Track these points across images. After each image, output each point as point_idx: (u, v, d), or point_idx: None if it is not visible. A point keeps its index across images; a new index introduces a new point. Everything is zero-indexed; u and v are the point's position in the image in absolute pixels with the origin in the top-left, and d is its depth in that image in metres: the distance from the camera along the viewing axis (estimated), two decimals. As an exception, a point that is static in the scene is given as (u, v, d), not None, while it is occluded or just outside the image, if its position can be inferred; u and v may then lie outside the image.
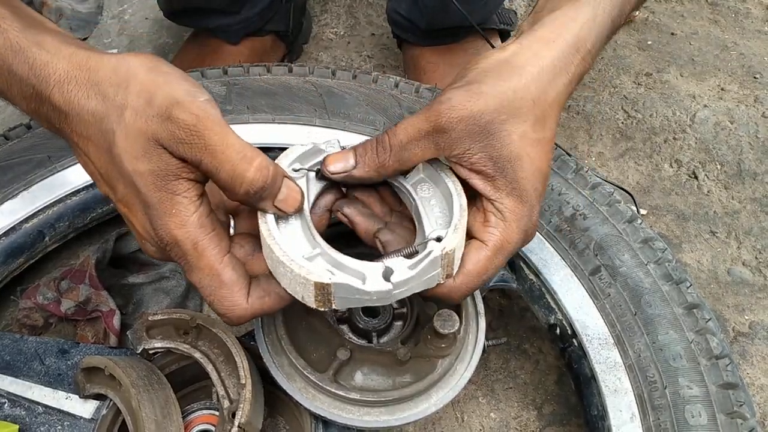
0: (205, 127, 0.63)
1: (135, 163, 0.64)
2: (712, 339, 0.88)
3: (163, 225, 0.66)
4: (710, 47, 1.68)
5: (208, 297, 0.69)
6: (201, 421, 0.86)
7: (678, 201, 1.37)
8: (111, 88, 0.65)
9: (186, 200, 0.66)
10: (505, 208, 0.73)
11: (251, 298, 0.70)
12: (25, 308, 1.08)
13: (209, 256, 0.68)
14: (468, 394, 1.09)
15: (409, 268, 0.69)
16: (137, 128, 0.64)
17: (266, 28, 1.49)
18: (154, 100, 0.64)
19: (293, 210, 0.70)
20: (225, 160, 0.64)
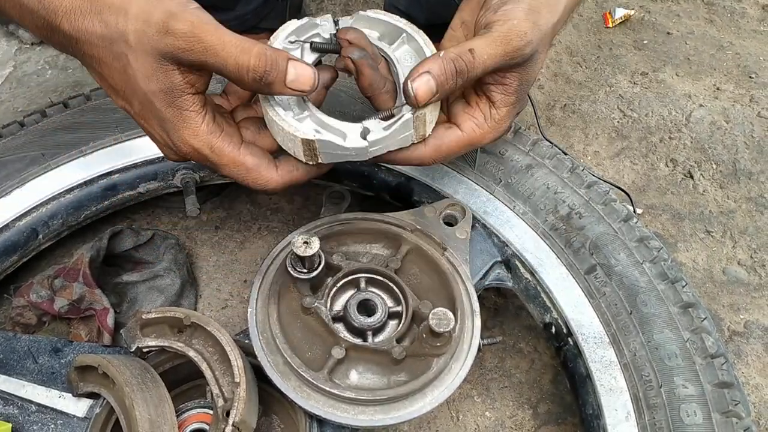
0: (201, 31, 0.69)
1: (147, 82, 0.72)
2: (707, 338, 0.88)
3: (179, 137, 0.75)
4: (706, 47, 1.68)
5: (243, 182, 0.80)
6: (195, 419, 0.86)
7: (673, 200, 1.37)
8: (112, 16, 0.70)
9: (194, 113, 0.75)
10: (497, 114, 0.83)
11: (281, 171, 0.80)
12: (18, 306, 1.07)
13: (228, 152, 0.77)
14: (463, 393, 1.09)
15: (383, 129, 0.79)
16: (143, 49, 0.70)
17: (261, 26, 1.49)
18: (151, 19, 0.69)
19: (309, 88, 0.75)
20: (227, 56, 0.70)
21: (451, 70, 0.76)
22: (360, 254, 0.94)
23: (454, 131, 0.84)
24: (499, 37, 0.77)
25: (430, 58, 0.77)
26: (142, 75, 0.71)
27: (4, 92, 1.54)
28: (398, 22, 0.86)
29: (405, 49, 0.86)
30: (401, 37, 0.86)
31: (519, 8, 0.78)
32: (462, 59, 0.76)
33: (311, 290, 0.87)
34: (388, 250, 0.95)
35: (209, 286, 1.20)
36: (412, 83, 0.75)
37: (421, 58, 0.83)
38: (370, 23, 0.87)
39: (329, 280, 0.88)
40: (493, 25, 0.78)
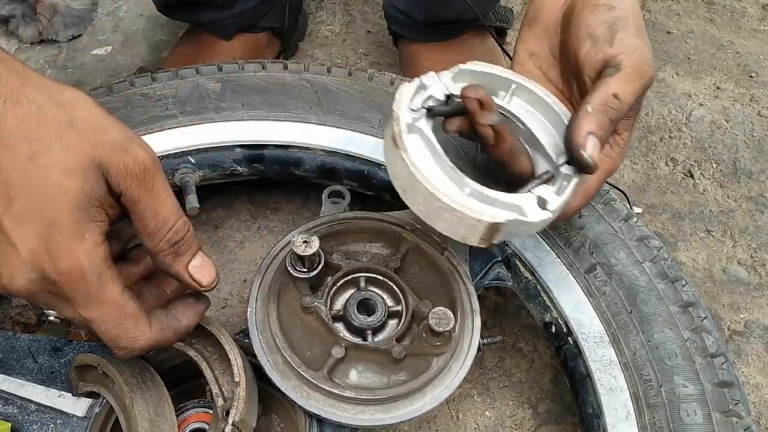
0: (156, 170, 0.66)
1: (65, 177, 0.62)
2: (707, 337, 0.88)
3: (69, 248, 0.62)
4: (706, 46, 1.68)
5: (110, 330, 0.67)
6: (195, 419, 0.86)
7: (673, 199, 1.37)
8: (52, 105, 0.63)
9: (98, 230, 0.64)
10: (622, 140, 0.81)
11: (153, 329, 0.69)
12: (18, 306, 1.07)
13: (113, 289, 0.65)
14: (463, 393, 1.09)
15: (556, 194, 0.76)
16: (82, 148, 0.62)
17: (261, 24, 1.49)
18: (108, 130, 0.64)
19: (207, 284, 0.72)
20: (163, 205, 0.67)
21: (606, 122, 0.74)
22: (360, 253, 0.94)
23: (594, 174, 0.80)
24: (633, 73, 0.75)
25: (583, 116, 0.74)
26: (61, 169, 0.61)
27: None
28: (504, 73, 0.83)
29: (518, 102, 0.84)
30: (511, 89, 0.83)
31: (632, 33, 0.77)
32: (612, 108, 0.74)
33: (311, 289, 0.87)
34: (388, 249, 0.95)
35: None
36: (585, 152, 0.73)
37: (541, 108, 0.82)
38: (474, 77, 0.83)
39: (329, 279, 0.88)
40: (618, 60, 0.75)
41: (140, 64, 1.59)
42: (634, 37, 0.76)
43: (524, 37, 0.88)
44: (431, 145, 0.77)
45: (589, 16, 0.78)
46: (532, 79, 0.85)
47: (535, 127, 0.82)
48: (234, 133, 1.08)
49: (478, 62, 0.83)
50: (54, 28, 1.62)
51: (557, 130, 0.81)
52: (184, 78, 1.11)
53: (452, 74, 0.82)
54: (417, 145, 0.77)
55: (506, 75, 0.83)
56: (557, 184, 0.77)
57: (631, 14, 0.78)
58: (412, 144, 0.76)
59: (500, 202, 0.73)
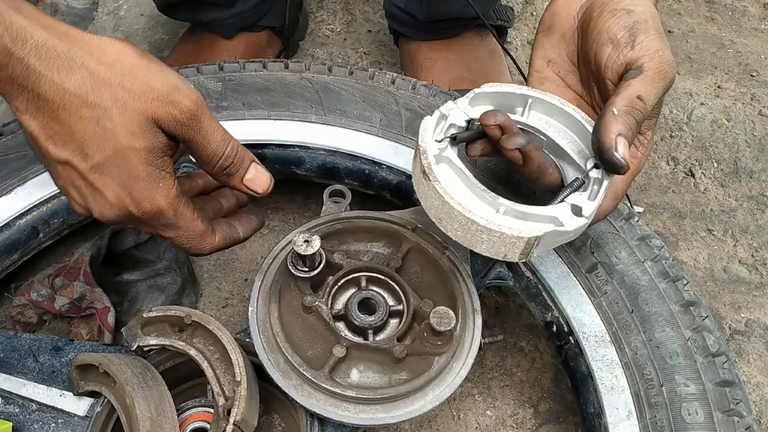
0: (202, 113, 0.75)
1: (131, 138, 0.72)
2: (708, 337, 0.87)
3: (149, 197, 0.75)
4: (707, 45, 1.68)
5: (184, 244, 0.82)
6: (196, 418, 0.86)
7: (675, 199, 1.37)
8: (101, 67, 0.70)
9: (169, 176, 0.77)
10: (645, 139, 0.82)
11: (217, 238, 0.84)
12: (19, 305, 1.07)
13: (186, 216, 0.80)
14: (464, 392, 1.09)
15: (589, 200, 0.77)
16: (136, 107, 0.71)
17: (261, 24, 1.49)
18: (153, 84, 0.72)
19: (262, 191, 0.84)
20: (213, 140, 0.77)
21: (633, 123, 0.75)
22: (361, 253, 0.94)
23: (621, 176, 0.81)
24: (656, 75, 0.77)
25: (610, 119, 0.74)
26: (126, 131, 0.71)
27: (5, 91, 1.53)
28: (518, 90, 0.83)
29: (536, 115, 0.84)
30: (527, 104, 0.84)
31: (653, 36, 0.78)
32: (637, 109, 0.75)
33: (312, 289, 0.87)
34: (389, 248, 0.95)
35: (210, 285, 1.20)
36: (617, 153, 0.74)
37: (560, 117, 0.83)
38: (490, 98, 0.84)
39: (330, 278, 0.88)
40: (641, 63, 0.77)
41: (141, 63, 1.59)
42: (655, 39, 0.78)
43: (541, 44, 0.88)
44: (461, 172, 0.78)
45: (609, 21, 0.79)
46: (552, 86, 0.86)
47: (558, 136, 0.83)
48: (235, 132, 1.06)
49: (492, 83, 0.84)
50: (55, 28, 1.62)
51: (580, 136, 0.83)
52: (184, 77, 1.11)
53: (468, 99, 0.82)
54: (447, 174, 0.79)
55: (521, 91, 0.83)
56: (588, 190, 0.78)
57: (650, 17, 0.79)
58: (442, 174, 0.78)
59: (536, 216, 0.75)
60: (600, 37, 0.80)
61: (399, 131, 1.07)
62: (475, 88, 0.84)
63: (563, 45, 0.87)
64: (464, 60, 1.45)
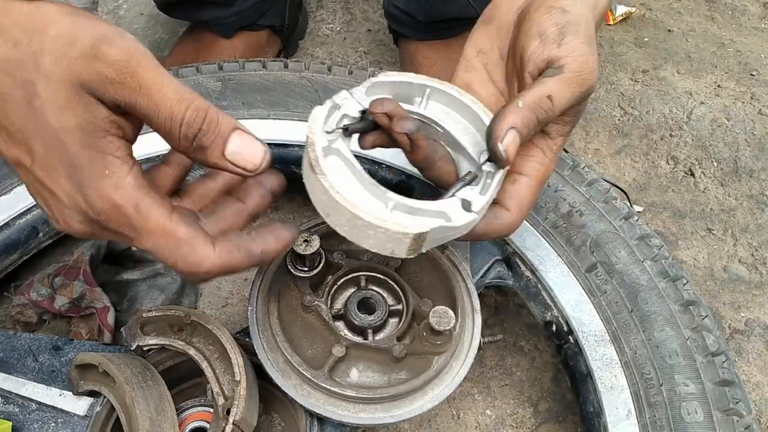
0: (138, 64, 0.56)
1: (60, 116, 0.56)
2: (708, 336, 0.87)
3: (96, 188, 0.59)
4: (707, 44, 1.68)
5: (168, 259, 0.62)
6: (196, 417, 0.86)
7: (674, 198, 1.37)
8: (24, 34, 0.56)
9: (118, 160, 0.59)
10: (554, 145, 0.79)
11: (219, 250, 0.63)
12: (18, 305, 1.07)
13: (157, 216, 0.60)
14: (464, 391, 1.09)
15: (481, 194, 0.73)
16: (60, 74, 0.56)
17: (261, 23, 1.49)
18: (77, 40, 0.56)
19: (253, 167, 0.63)
20: (162, 100, 0.57)
21: (533, 121, 0.72)
22: (360, 252, 0.94)
23: (522, 181, 0.78)
24: (573, 78, 0.74)
25: (511, 111, 0.71)
26: (53, 107, 0.56)
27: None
28: (416, 79, 0.79)
29: (435, 105, 0.81)
30: (426, 94, 0.80)
31: (581, 40, 0.75)
32: (542, 108, 0.72)
33: (311, 288, 0.87)
34: (389, 248, 0.94)
35: (209, 285, 1.20)
36: (501, 143, 0.70)
37: (455, 105, 0.80)
38: (388, 88, 0.79)
39: (329, 278, 0.88)
40: (562, 63, 0.74)
41: (141, 62, 1.59)
42: (583, 43, 0.75)
43: (476, 33, 0.86)
44: (351, 165, 0.73)
45: (543, 17, 0.76)
46: (476, 76, 0.84)
47: (455, 128, 0.80)
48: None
49: (390, 72, 0.80)
50: (54, 27, 1.62)
51: (477, 128, 0.79)
52: (184, 77, 1.11)
53: (365, 89, 0.77)
54: (336, 167, 0.73)
55: (419, 81, 0.79)
56: (481, 183, 0.75)
57: (584, 21, 0.76)
58: (331, 167, 0.72)
59: (425, 211, 0.71)
60: (530, 30, 0.77)
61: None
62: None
63: (497, 38, 0.84)
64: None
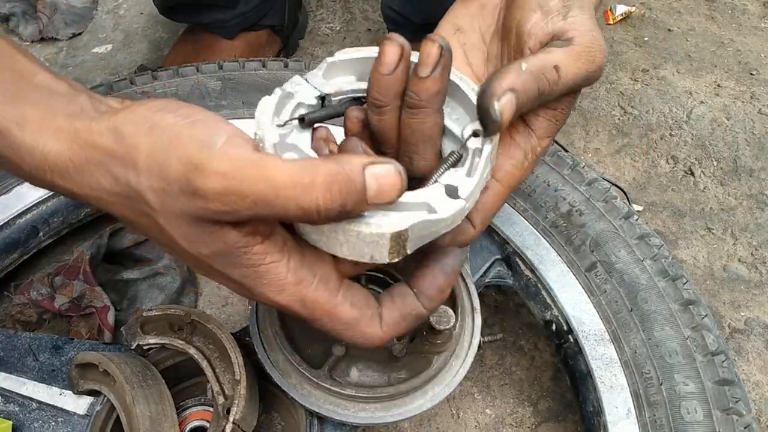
0: (240, 182, 0.49)
1: (196, 247, 0.54)
2: (707, 335, 0.87)
3: (261, 294, 0.57)
4: (707, 44, 1.68)
5: (341, 336, 0.61)
6: (196, 417, 0.86)
7: (674, 197, 1.37)
8: (118, 168, 0.52)
9: (272, 266, 0.55)
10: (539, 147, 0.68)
11: (385, 325, 0.61)
12: (18, 304, 1.07)
13: (322, 304, 0.58)
14: (463, 391, 1.09)
15: (468, 176, 0.62)
16: (171, 212, 0.52)
17: (262, 23, 1.49)
18: (167, 174, 0.50)
19: (397, 195, 0.53)
20: (284, 202, 0.49)
21: (534, 92, 0.61)
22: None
23: (491, 188, 0.67)
24: (583, 53, 0.63)
25: (512, 71, 0.60)
26: (184, 240, 0.53)
27: (5, 90, 1.53)
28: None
29: None
30: None
31: (586, 15, 0.66)
32: (547, 78, 0.61)
33: (311, 288, 0.87)
34: (389, 247, 0.94)
35: (210, 284, 1.20)
36: (497, 102, 0.59)
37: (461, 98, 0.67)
38: (348, 67, 0.68)
39: (329, 277, 0.88)
40: (570, 36, 0.64)
41: (141, 62, 1.59)
42: (590, 19, 0.65)
43: (455, 11, 0.77)
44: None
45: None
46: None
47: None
48: (234, 131, 1.07)
49: (348, 49, 0.68)
50: (54, 27, 1.63)
51: (459, 99, 0.67)
52: (184, 76, 1.11)
53: (322, 71, 0.67)
54: None
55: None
56: (467, 164, 0.63)
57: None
58: None
59: (404, 204, 0.58)
60: (528, 4, 0.67)
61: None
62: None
63: (480, 17, 0.75)
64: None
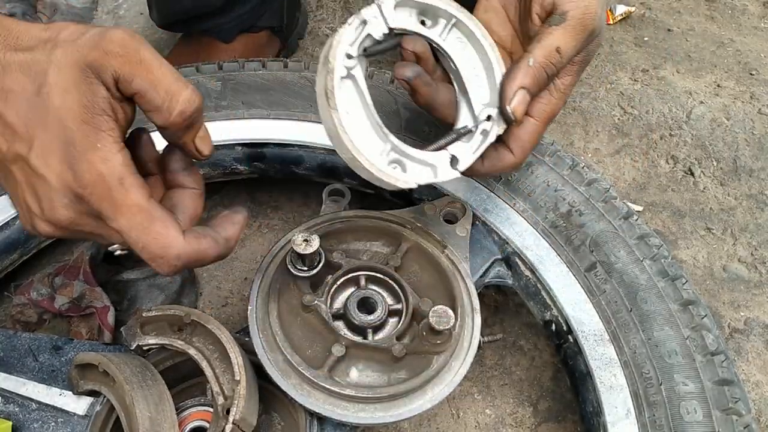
0: (140, 43, 0.64)
1: (64, 96, 0.63)
2: (707, 335, 0.87)
3: (87, 160, 0.63)
4: (707, 44, 1.68)
5: (138, 238, 0.65)
6: (195, 417, 0.86)
7: (674, 197, 1.37)
8: (40, 43, 0.64)
9: (110, 138, 0.64)
10: (562, 84, 0.82)
11: (187, 237, 0.67)
12: (18, 304, 1.07)
13: (137, 193, 0.65)
14: (463, 391, 1.09)
15: (472, 153, 0.79)
16: (69, 59, 0.63)
17: (260, 24, 1.49)
18: (86, 31, 0.64)
19: (208, 152, 0.71)
20: (161, 77, 0.64)
21: (543, 79, 0.77)
22: (360, 252, 0.94)
23: (528, 122, 0.82)
24: (577, 25, 0.77)
25: (521, 68, 0.76)
26: (59, 89, 0.63)
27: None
28: (446, 5, 0.79)
29: (455, 36, 0.82)
30: (451, 22, 0.80)
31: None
32: (552, 63, 0.77)
33: (311, 288, 0.87)
34: (389, 247, 0.95)
35: (209, 284, 1.20)
36: (509, 105, 0.76)
37: (474, 44, 0.82)
38: (416, 6, 0.79)
39: (329, 277, 0.88)
40: (566, 9, 0.77)
41: (141, 62, 1.59)
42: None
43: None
44: (363, 97, 0.76)
45: None
46: (494, 16, 0.86)
47: (466, 69, 0.82)
48: (234, 131, 1.08)
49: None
50: (54, 27, 1.62)
51: (488, 76, 0.82)
52: (184, 76, 1.10)
53: (394, 2, 0.77)
54: (349, 96, 0.76)
55: (449, 8, 0.80)
56: (475, 141, 0.79)
57: None
58: (344, 96, 0.75)
59: (417, 160, 0.77)
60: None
61: (398, 130, 1.07)
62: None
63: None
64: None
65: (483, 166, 0.82)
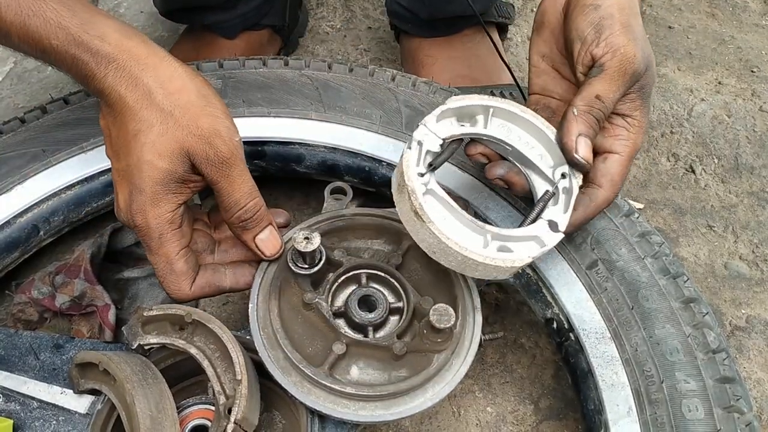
0: (234, 161, 0.82)
1: (157, 158, 0.79)
2: (709, 333, 0.87)
3: (142, 210, 0.81)
4: (708, 41, 1.68)
5: (159, 275, 0.85)
6: (197, 415, 0.86)
7: (675, 195, 1.37)
8: (161, 92, 0.80)
9: (173, 201, 0.82)
10: (635, 121, 0.86)
11: (195, 287, 0.86)
12: (19, 303, 1.07)
13: (168, 248, 0.83)
14: (464, 389, 1.09)
15: (564, 212, 0.83)
16: (175, 137, 0.79)
17: (262, 23, 1.49)
18: (200, 123, 0.80)
19: (269, 255, 0.87)
20: (237, 189, 0.83)
21: (593, 122, 0.82)
22: (361, 250, 0.94)
23: (612, 158, 0.86)
24: (615, 73, 0.81)
25: (571, 120, 0.81)
26: (155, 149, 0.79)
27: (5, 89, 1.54)
28: (481, 101, 0.86)
29: (497, 123, 0.87)
30: (490, 113, 0.86)
31: (617, 32, 0.82)
32: (596, 108, 0.81)
33: (312, 286, 0.87)
34: (390, 245, 0.95)
35: (210, 282, 1.20)
36: (578, 154, 0.81)
37: (517, 122, 0.86)
38: (452, 112, 0.86)
39: (330, 275, 0.88)
40: (603, 61, 0.82)
41: (141, 60, 1.59)
42: (619, 35, 0.82)
43: (534, 42, 0.94)
44: (447, 204, 0.81)
45: (578, 18, 0.84)
46: (548, 78, 0.93)
47: (521, 144, 0.87)
48: (235, 129, 1.07)
49: (455, 97, 0.86)
50: (55, 25, 1.62)
51: (542, 142, 0.86)
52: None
53: (435, 117, 0.84)
54: (434, 208, 0.81)
55: (484, 102, 0.86)
56: (561, 201, 0.84)
57: (617, 10, 0.83)
58: (431, 209, 0.79)
59: (520, 237, 0.80)
60: (571, 34, 0.85)
61: (399, 128, 1.07)
62: (475, 85, 0.86)
63: (553, 40, 0.91)
64: (466, 57, 1.45)
65: (580, 215, 0.85)
